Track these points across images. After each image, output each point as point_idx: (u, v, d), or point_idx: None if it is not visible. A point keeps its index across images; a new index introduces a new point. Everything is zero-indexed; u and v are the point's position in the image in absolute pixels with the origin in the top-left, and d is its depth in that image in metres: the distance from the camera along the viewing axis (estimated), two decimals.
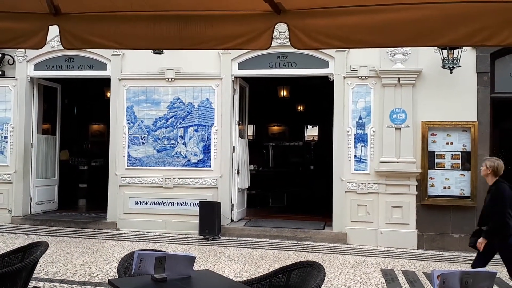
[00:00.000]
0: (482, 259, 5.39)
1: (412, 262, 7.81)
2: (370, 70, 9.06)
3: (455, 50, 8.27)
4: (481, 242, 5.29)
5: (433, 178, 8.83)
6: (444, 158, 8.83)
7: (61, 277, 6.45)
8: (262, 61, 9.50)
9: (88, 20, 3.47)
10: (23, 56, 10.39)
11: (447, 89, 8.76)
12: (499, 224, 5.23)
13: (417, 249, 8.69)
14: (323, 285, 3.24)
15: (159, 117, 9.90)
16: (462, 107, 8.76)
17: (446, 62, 8.38)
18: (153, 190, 9.80)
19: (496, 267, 5.97)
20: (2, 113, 10.54)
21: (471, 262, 5.83)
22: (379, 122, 9.00)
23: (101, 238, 9.14)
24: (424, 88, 8.88)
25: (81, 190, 12.69)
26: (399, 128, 8.87)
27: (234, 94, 9.85)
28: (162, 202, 9.74)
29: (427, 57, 8.69)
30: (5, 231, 9.56)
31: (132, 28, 3.47)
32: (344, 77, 9.16)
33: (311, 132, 16.51)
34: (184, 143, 9.80)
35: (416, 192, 8.80)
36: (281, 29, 3.91)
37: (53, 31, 3.49)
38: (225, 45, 3.56)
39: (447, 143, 8.83)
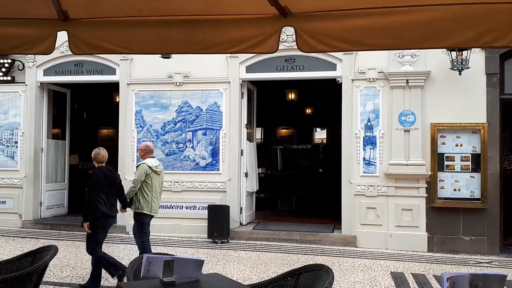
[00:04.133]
0: (90, 239, 6.08)
1: (422, 265, 7.76)
2: (378, 72, 9.03)
3: (463, 52, 8.22)
4: (85, 226, 6.00)
5: (443, 181, 8.77)
6: (454, 160, 8.77)
7: (71, 281, 6.48)
8: (270, 64, 9.50)
9: (97, 25, 3.50)
10: (32, 62, 10.48)
11: (456, 91, 8.71)
12: (89, 205, 5.98)
13: (427, 252, 8.64)
14: None
15: (168, 121, 9.93)
16: (471, 108, 8.70)
17: (455, 63, 8.33)
18: (162, 194, 9.79)
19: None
20: (12, 118, 10.63)
21: (482, 265, 5.78)
22: (388, 124, 8.96)
23: (110, 242, 9.16)
24: (433, 90, 8.83)
25: None
26: (408, 130, 8.82)
27: (242, 97, 9.86)
28: (171, 205, 9.75)
29: (435, 59, 8.65)
30: (15, 235, 9.63)
31: (140, 33, 3.49)
32: (352, 80, 9.14)
33: (320, 135, 16.48)
34: (192, 147, 9.83)
35: (426, 195, 8.75)
36: (288, 32, 3.92)
37: (62, 36, 3.53)
38: (232, 49, 3.57)
39: (456, 145, 8.77)
